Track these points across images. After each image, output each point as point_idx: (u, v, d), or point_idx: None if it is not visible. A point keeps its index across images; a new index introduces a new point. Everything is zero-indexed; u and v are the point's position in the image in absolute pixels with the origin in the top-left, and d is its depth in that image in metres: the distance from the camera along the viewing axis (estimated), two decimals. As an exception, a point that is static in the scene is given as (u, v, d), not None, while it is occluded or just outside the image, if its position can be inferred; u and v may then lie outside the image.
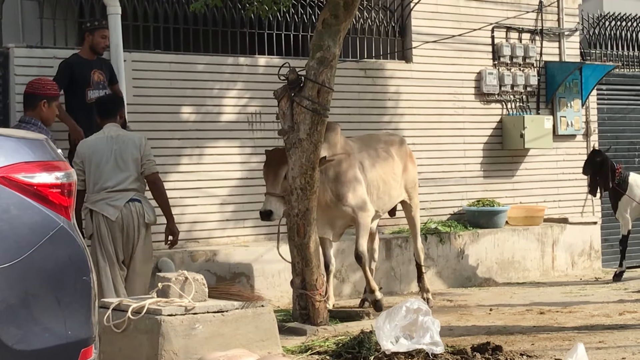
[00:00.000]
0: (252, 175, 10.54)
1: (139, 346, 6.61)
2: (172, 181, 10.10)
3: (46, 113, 8.23)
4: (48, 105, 8.23)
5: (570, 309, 9.49)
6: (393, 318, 7.00)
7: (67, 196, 4.45)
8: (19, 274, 4.20)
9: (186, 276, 6.85)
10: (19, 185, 4.31)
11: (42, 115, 8.20)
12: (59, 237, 4.36)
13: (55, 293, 4.29)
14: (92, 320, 4.48)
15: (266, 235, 10.63)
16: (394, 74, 11.77)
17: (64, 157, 4.61)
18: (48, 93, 8.26)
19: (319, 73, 8.19)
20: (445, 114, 12.12)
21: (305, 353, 7.32)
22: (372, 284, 9.36)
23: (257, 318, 6.95)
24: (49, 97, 8.25)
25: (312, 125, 8.19)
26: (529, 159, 12.84)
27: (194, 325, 6.62)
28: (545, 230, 12.43)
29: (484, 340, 7.46)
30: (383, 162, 9.64)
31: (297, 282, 8.44)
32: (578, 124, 13.28)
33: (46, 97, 8.22)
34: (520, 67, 12.83)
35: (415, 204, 10.06)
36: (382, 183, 9.56)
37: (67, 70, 9.01)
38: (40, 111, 8.19)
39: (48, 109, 8.24)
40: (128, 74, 9.71)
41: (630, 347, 7.42)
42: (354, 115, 11.30)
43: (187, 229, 10.19)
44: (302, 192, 8.29)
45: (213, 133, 10.41)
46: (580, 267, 12.74)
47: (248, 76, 10.65)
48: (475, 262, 11.70)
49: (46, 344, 4.24)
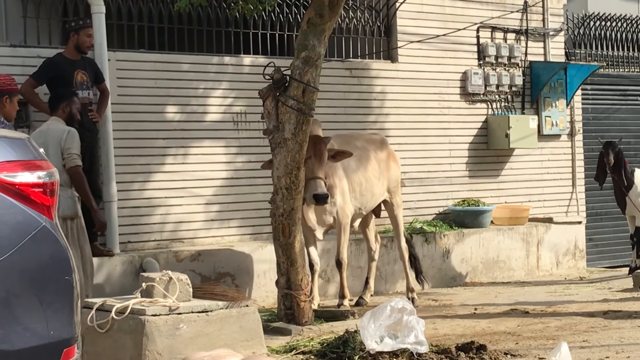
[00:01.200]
0: (237, 175, 10.53)
1: (122, 346, 6.59)
2: (157, 181, 10.08)
3: (8, 109, 8.23)
4: (10, 100, 8.22)
5: (554, 309, 9.50)
6: (378, 317, 6.99)
7: (49, 195, 4.43)
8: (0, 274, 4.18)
9: (170, 276, 6.84)
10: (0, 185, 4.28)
11: (5, 111, 8.20)
12: (41, 236, 4.34)
13: (37, 293, 4.26)
14: (75, 320, 4.46)
15: (251, 235, 10.62)
16: (379, 73, 11.77)
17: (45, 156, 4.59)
18: (9, 88, 8.27)
19: (304, 72, 8.18)
20: (430, 113, 12.12)
21: (290, 353, 7.31)
22: (345, 290, 9.50)
23: (241, 318, 6.95)
24: (10, 92, 8.25)
25: (297, 125, 8.18)
26: (514, 158, 12.86)
27: (178, 325, 6.61)
28: (530, 229, 12.45)
29: (469, 339, 7.46)
30: (365, 161, 9.68)
31: (282, 282, 8.43)
32: (563, 124, 13.30)
33: (7, 93, 8.23)
34: (505, 67, 12.85)
35: (397, 203, 10.08)
36: (364, 181, 9.60)
37: (49, 69, 8.99)
38: (2, 107, 8.18)
39: (10, 105, 8.24)
40: (112, 74, 9.69)
41: (613, 346, 7.43)
42: (340, 115, 11.29)
43: (172, 229, 10.17)
44: (287, 192, 8.28)
45: (198, 133, 10.39)
46: (565, 266, 12.76)
47: (233, 75, 10.63)
48: (461, 262, 11.71)
49: (28, 344, 4.22)
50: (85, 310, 6.60)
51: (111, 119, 9.61)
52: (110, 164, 9.58)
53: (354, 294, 10.24)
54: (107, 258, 9.32)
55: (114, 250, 9.51)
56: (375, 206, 10.04)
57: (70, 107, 8.53)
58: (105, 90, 9.46)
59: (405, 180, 11.73)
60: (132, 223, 9.85)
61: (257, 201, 10.43)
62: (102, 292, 8.91)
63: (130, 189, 9.90)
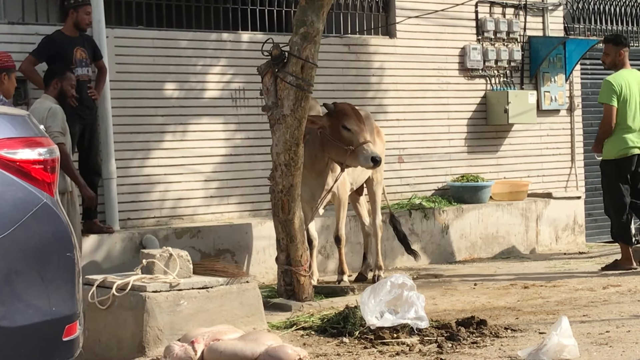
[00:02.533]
0: (236, 152, 10.52)
1: (123, 323, 6.61)
2: (156, 158, 10.07)
3: (7, 86, 8.22)
4: (8, 77, 8.21)
5: (554, 283, 9.52)
6: (378, 293, 7.01)
7: (50, 172, 4.44)
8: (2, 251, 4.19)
9: (170, 253, 6.86)
10: (1, 162, 4.28)
11: (3, 88, 8.18)
12: (42, 213, 4.35)
13: (39, 270, 4.28)
14: (76, 297, 4.47)
15: (251, 211, 10.63)
16: (377, 49, 11.74)
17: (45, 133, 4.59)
18: (6, 65, 8.25)
19: (302, 49, 8.16)
20: (429, 89, 12.10)
21: (290, 329, 7.33)
22: (344, 266, 9.49)
23: (242, 294, 6.97)
24: (8, 69, 8.23)
25: (296, 101, 8.17)
26: (512, 134, 12.85)
27: (178, 302, 6.63)
28: (529, 205, 12.45)
29: (469, 314, 7.48)
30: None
31: (281, 258, 8.44)
32: (562, 99, 13.29)
33: (6, 70, 8.21)
34: (504, 42, 12.82)
35: (378, 179, 9.96)
36: None
37: (49, 46, 8.98)
38: (1, 84, 8.17)
39: (9, 81, 8.22)
40: (110, 51, 9.67)
41: (613, 321, 7.45)
42: (338, 91, 11.27)
43: (172, 205, 10.17)
44: (286, 168, 8.28)
45: (197, 109, 10.37)
46: (564, 241, 12.78)
47: (231, 52, 10.61)
48: (460, 238, 11.72)
49: (30, 321, 4.23)
50: (86, 287, 6.62)
51: (110, 96, 9.59)
52: (109, 141, 9.57)
53: (354, 270, 10.25)
54: (107, 235, 9.32)
55: (113, 227, 9.51)
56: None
57: (61, 83, 8.47)
58: (103, 68, 9.43)
59: (404, 156, 11.74)
60: (131, 200, 9.86)
61: (256, 178, 10.43)
62: (102, 269, 8.92)
63: (130, 166, 9.89)
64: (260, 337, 6.55)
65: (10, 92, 8.30)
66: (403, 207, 11.37)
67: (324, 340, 6.98)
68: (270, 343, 6.45)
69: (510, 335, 6.96)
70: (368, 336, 6.86)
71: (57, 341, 4.37)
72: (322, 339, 7.01)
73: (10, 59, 8.40)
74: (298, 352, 6.41)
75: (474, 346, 6.65)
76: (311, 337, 7.10)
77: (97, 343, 6.70)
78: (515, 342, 6.74)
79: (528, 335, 6.99)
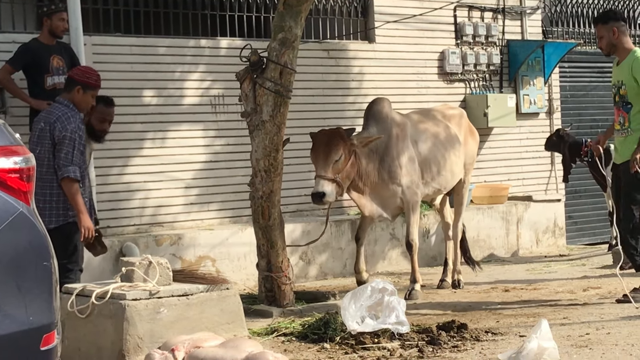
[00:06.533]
0: (216, 159, 10.51)
1: (103, 331, 6.58)
2: (136, 165, 10.05)
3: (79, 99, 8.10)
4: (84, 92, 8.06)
5: (534, 286, 9.54)
6: (358, 298, 7.01)
7: (26, 181, 4.41)
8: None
9: (150, 260, 6.82)
10: (-24, 171, 4.26)
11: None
12: (19, 222, 4.32)
13: (15, 279, 4.25)
14: (54, 306, 4.45)
15: (231, 218, 10.61)
16: (357, 54, 11.76)
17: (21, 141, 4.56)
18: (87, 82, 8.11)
19: (281, 54, 8.15)
20: (408, 93, 12.11)
21: (271, 335, 7.32)
22: (416, 274, 9.19)
23: (222, 301, 6.94)
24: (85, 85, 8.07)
25: (275, 107, 8.16)
26: (492, 137, 12.88)
27: (158, 310, 6.60)
28: (509, 208, 12.48)
29: (450, 318, 7.49)
30: (442, 138, 9.47)
31: (262, 265, 8.43)
32: (541, 102, 13.33)
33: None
34: (482, 46, 12.86)
35: (467, 180, 9.85)
36: (441, 159, 9.38)
37: (24, 54, 8.93)
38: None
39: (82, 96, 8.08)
40: (88, 58, 9.63)
41: (593, 323, 7.47)
42: (318, 96, 11.27)
43: (152, 213, 10.15)
44: (265, 175, 8.27)
45: (176, 116, 10.35)
46: (545, 244, 12.81)
47: (210, 58, 10.59)
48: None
49: (7, 330, 4.20)
50: (65, 295, 6.59)
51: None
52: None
53: (335, 275, 10.26)
54: (87, 243, 9.27)
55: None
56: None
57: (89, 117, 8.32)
58: (82, 75, 9.38)
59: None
60: (111, 208, 9.82)
61: (236, 184, 10.42)
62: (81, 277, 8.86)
63: (109, 174, 9.87)
64: (241, 344, 6.53)
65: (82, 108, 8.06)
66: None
67: (305, 346, 6.97)
68: (251, 350, 6.43)
69: (491, 339, 6.97)
70: (349, 341, 6.86)
71: (35, 351, 4.34)
72: (303, 344, 7.01)
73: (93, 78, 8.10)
74: (279, 358, 6.39)
75: (454, 350, 6.66)
76: (292, 343, 7.09)
77: (77, 352, 6.66)
78: (495, 346, 6.75)
79: (508, 338, 7.00)
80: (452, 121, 9.71)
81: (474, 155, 9.94)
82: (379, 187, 9.04)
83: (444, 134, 9.51)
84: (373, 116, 9.17)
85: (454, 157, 9.52)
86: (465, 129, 9.79)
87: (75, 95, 7.80)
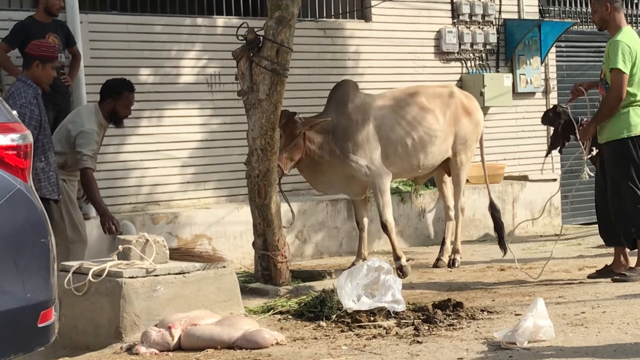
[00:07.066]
0: (212, 137, 10.50)
1: (100, 309, 6.60)
2: (132, 144, 10.04)
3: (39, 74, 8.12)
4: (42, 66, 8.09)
5: (530, 265, 9.56)
6: (355, 277, 7.03)
7: (23, 158, 4.42)
8: (-25, 237, 4.17)
9: (147, 238, 6.83)
10: (-27, 148, 4.26)
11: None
12: (16, 199, 4.33)
13: (13, 256, 4.26)
14: (51, 283, 4.46)
15: (227, 197, 10.62)
16: (353, 33, 11.73)
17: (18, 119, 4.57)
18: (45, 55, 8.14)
19: (277, 33, 8.13)
20: (405, 73, 12.10)
21: (267, 313, 7.34)
22: (397, 252, 9.16)
23: (218, 279, 6.96)
24: (43, 58, 8.10)
25: (272, 86, 8.15)
26: (488, 117, 12.87)
27: (155, 287, 6.62)
28: (505, 188, 12.49)
29: (445, 297, 7.50)
30: (412, 118, 9.41)
31: (258, 243, 8.43)
32: (537, 82, 13.33)
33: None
34: (479, 25, 12.84)
35: (460, 161, 9.77)
36: (409, 140, 9.33)
37: (20, 32, 8.91)
38: None
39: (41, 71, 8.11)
40: (85, 36, 9.62)
41: (589, 302, 7.49)
42: (314, 75, 11.26)
43: (148, 191, 10.15)
44: (262, 153, 8.26)
45: (172, 95, 10.34)
46: (540, 223, 12.82)
47: (206, 37, 10.57)
48: (437, 221, 11.74)
49: (4, 307, 4.21)
50: (62, 273, 6.60)
51: (84, 82, 9.55)
52: (84, 127, 9.52)
53: (331, 254, 10.28)
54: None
55: (89, 214, 9.47)
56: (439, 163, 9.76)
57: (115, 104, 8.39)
58: (77, 54, 9.39)
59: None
60: (107, 186, 9.81)
61: (232, 163, 10.42)
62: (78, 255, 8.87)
63: (105, 152, 9.84)
64: (237, 322, 6.56)
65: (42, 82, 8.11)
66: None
67: (301, 324, 6.99)
68: (247, 327, 6.46)
69: (487, 317, 6.99)
70: (345, 320, 6.88)
71: (32, 327, 4.36)
72: (299, 323, 7.02)
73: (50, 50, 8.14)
74: (275, 336, 6.43)
75: (450, 328, 6.68)
76: (288, 321, 7.10)
77: (73, 329, 6.68)
78: (491, 324, 6.77)
79: (504, 317, 7.02)
80: (435, 101, 9.60)
81: (470, 134, 9.81)
82: (335, 167, 9.10)
83: (416, 113, 9.45)
84: (334, 99, 9.26)
85: (428, 137, 9.43)
86: (455, 108, 9.67)
87: (35, 70, 7.83)
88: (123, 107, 8.44)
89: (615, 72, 8.21)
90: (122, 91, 8.44)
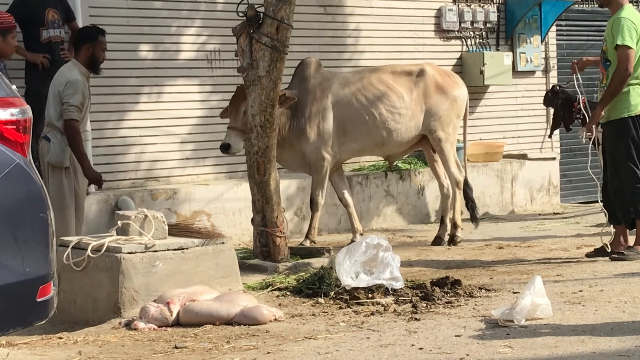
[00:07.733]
0: (212, 114, 10.48)
1: (99, 284, 6.61)
2: (131, 120, 10.03)
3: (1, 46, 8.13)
4: (3, 38, 8.11)
5: (528, 244, 9.58)
6: (353, 254, 7.04)
7: (22, 132, 4.42)
8: (-26, 212, 4.18)
9: (146, 214, 6.84)
10: (-28, 123, 4.26)
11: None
12: (15, 174, 4.33)
13: (12, 230, 4.26)
14: (50, 257, 4.47)
15: (227, 173, 10.62)
16: (353, 10, 11.70)
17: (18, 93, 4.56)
18: (3, 26, 8.14)
19: (277, 9, 8.11)
20: (405, 50, 12.08)
21: (266, 289, 7.35)
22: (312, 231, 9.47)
23: (217, 255, 6.97)
24: (4, 30, 8.13)
25: (272, 62, 8.14)
26: (488, 95, 12.86)
27: (154, 263, 6.63)
28: (504, 166, 12.49)
29: (443, 274, 7.53)
30: (375, 96, 9.47)
31: (257, 220, 8.44)
32: (537, 60, 13.30)
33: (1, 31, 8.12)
34: (480, 3, 12.80)
35: (441, 137, 9.66)
36: (370, 117, 9.41)
37: (19, 7, 8.88)
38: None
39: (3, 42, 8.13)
40: (84, 12, 9.59)
41: (587, 280, 7.51)
42: (314, 52, 11.21)
43: (147, 167, 10.15)
44: (261, 130, 8.26)
45: (172, 71, 10.32)
46: (539, 202, 12.84)
47: (206, 13, 10.54)
48: (435, 199, 11.72)
49: (3, 281, 4.22)
50: (61, 248, 6.61)
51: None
52: (83, 103, 9.50)
53: (330, 231, 10.29)
54: (83, 197, 9.29)
55: (89, 189, 9.46)
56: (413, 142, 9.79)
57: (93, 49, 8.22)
58: (77, 29, 9.35)
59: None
60: (107, 162, 9.82)
61: (232, 139, 10.39)
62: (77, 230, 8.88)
63: (105, 128, 9.86)
64: (236, 298, 6.58)
65: (6, 54, 8.19)
66: (379, 169, 11.39)
67: (299, 300, 7.00)
68: (245, 304, 6.48)
69: (485, 295, 7.01)
70: (343, 296, 6.90)
71: (31, 302, 4.37)
72: (298, 299, 7.04)
73: (7, 20, 8.21)
74: (273, 312, 6.45)
75: (448, 306, 6.70)
76: (287, 297, 7.12)
77: (72, 304, 6.70)
78: (489, 302, 6.79)
79: (502, 294, 7.04)
80: (401, 79, 9.65)
81: (445, 111, 9.67)
82: (288, 143, 9.25)
83: (377, 91, 9.52)
84: (297, 75, 9.44)
85: (390, 114, 9.48)
86: (424, 86, 9.65)
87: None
88: (100, 51, 8.33)
89: (622, 48, 8.20)
90: (97, 35, 8.36)
